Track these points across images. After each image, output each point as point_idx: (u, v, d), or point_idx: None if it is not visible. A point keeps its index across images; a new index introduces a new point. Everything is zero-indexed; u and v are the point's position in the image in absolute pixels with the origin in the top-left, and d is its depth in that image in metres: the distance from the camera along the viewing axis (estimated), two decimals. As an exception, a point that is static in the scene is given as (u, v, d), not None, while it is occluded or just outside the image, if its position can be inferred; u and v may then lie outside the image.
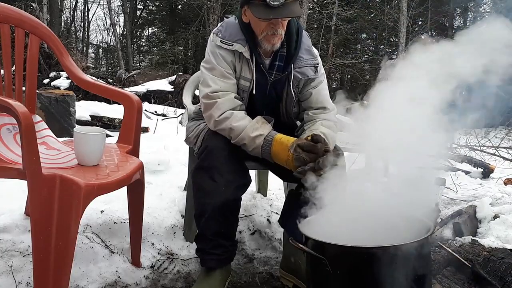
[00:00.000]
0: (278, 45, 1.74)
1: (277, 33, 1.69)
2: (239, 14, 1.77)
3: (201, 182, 1.67)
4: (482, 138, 5.26)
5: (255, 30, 1.73)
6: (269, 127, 1.69)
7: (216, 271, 1.69)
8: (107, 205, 2.15)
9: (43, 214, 1.34)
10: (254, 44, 1.74)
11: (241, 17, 1.75)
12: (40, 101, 4.21)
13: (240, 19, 1.76)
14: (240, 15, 1.76)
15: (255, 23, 1.71)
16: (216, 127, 1.71)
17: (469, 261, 1.89)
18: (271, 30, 1.69)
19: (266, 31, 1.69)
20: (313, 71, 1.83)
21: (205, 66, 1.78)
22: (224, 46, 1.73)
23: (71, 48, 13.05)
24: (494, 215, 2.47)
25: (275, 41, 1.71)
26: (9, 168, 1.49)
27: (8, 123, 1.76)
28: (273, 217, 2.38)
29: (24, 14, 1.94)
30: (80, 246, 1.79)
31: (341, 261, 1.30)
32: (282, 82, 1.81)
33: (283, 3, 1.61)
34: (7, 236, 1.82)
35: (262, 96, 1.80)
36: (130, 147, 1.86)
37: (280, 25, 1.69)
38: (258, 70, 1.76)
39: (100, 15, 28.68)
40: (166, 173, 2.84)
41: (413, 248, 1.29)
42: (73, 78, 2.03)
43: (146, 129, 5.27)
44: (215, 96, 1.70)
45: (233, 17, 1.83)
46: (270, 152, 1.65)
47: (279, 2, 1.60)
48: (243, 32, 1.74)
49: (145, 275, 1.83)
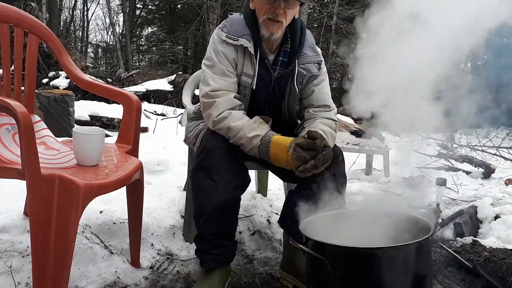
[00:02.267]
0: (277, 35, 1.75)
1: (277, 19, 1.70)
2: (247, 3, 1.79)
3: (200, 182, 1.67)
4: (483, 138, 5.26)
5: (258, 14, 1.74)
6: (267, 127, 1.69)
7: (216, 271, 1.68)
8: (106, 205, 2.15)
9: (42, 214, 1.34)
10: (259, 39, 1.75)
11: (248, 6, 1.78)
12: (39, 101, 4.21)
13: (247, 11, 1.78)
14: (247, 4, 1.79)
15: (259, 7, 1.73)
16: (215, 126, 1.70)
17: (470, 262, 1.88)
18: (272, 14, 1.70)
19: (267, 15, 1.70)
20: (317, 68, 1.84)
21: (206, 64, 1.78)
22: (229, 41, 1.74)
23: (70, 48, 13.06)
24: (495, 215, 2.47)
25: (274, 29, 1.72)
26: (8, 168, 1.49)
27: (7, 123, 1.75)
28: (273, 217, 2.37)
29: (23, 14, 1.93)
30: (79, 246, 1.79)
31: (341, 262, 1.30)
32: (286, 78, 1.81)
33: None
34: (6, 237, 1.81)
35: (265, 92, 1.80)
36: (129, 147, 1.86)
37: (281, 11, 1.70)
38: (262, 65, 1.77)
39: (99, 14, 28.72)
40: (165, 173, 2.83)
41: (414, 249, 1.29)
42: (72, 78, 2.02)
43: (146, 129, 5.27)
44: (215, 95, 1.70)
45: (237, 14, 1.84)
46: (268, 154, 1.65)
47: None
48: (248, 27, 1.75)
49: (145, 275, 1.82)
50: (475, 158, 4.43)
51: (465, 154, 4.67)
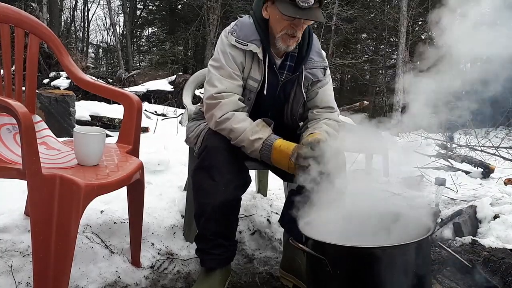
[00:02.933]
0: (292, 48, 1.75)
1: (296, 35, 1.70)
2: (259, 10, 1.76)
3: (201, 182, 1.67)
4: (482, 138, 5.27)
5: (274, 27, 1.73)
6: (269, 131, 1.69)
7: (216, 271, 1.69)
8: (107, 205, 2.15)
9: (43, 214, 1.34)
10: (268, 44, 1.75)
11: (261, 13, 1.75)
12: (40, 101, 4.21)
13: (257, 15, 1.76)
14: (259, 11, 1.76)
15: (276, 20, 1.71)
16: (217, 127, 1.71)
17: (469, 261, 1.89)
18: (291, 30, 1.69)
19: (285, 30, 1.70)
20: (322, 73, 1.85)
21: (213, 65, 1.77)
22: (238, 46, 1.73)
23: (71, 48, 13.06)
24: (494, 215, 2.47)
25: (291, 43, 1.72)
26: (9, 168, 1.49)
27: (8, 123, 1.76)
28: (273, 217, 2.38)
29: (24, 14, 1.93)
30: (80, 246, 1.79)
31: (341, 261, 1.30)
32: (292, 83, 1.82)
33: (310, 6, 1.62)
34: (7, 236, 1.82)
35: (271, 96, 1.81)
36: (130, 147, 1.86)
37: (301, 27, 1.70)
38: (270, 70, 1.77)
39: (100, 15, 28.68)
40: (166, 173, 2.84)
41: (413, 248, 1.29)
42: (73, 78, 2.03)
43: (146, 129, 5.27)
44: (220, 97, 1.70)
45: (246, 16, 1.83)
46: (269, 158, 1.66)
47: (308, 5, 1.61)
48: (258, 32, 1.74)
49: (145, 275, 1.83)
50: (474, 158, 4.43)
51: (464, 154, 4.68)
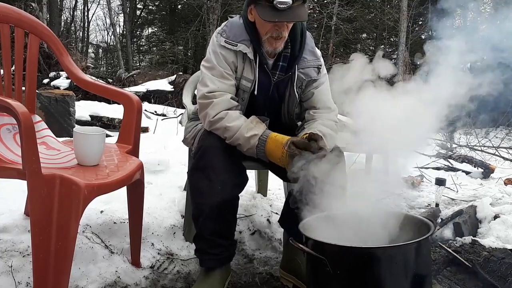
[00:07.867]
0: (280, 48, 1.74)
1: (281, 36, 1.69)
2: (245, 12, 1.75)
3: (197, 182, 1.67)
4: (483, 138, 5.27)
5: (260, 30, 1.72)
6: (264, 127, 1.68)
7: (216, 271, 1.68)
8: (107, 205, 2.15)
9: (42, 214, 1.34)
10: (258, 44, 1.74)
11: (247, 16, 1.74)
12: (39, 101, 4.22)
13: (245, 17, 1.76)
14: (245, 14, 1.75)
15: (261, 23, 1.70)
16: (211, 127, 1.70)
17: (470, 261, 1.89)
18: (276, 32, 1.68)
19: (270, 33, 1.69)
20: (316, 72, 1.83)
21: (205, 65, 1.77)
22: (228, 46, 1.72)
23: (71, 48, 13.07)
24: (494, 215, 2.47)
25: (278, 45, 1.71)
26: (9, 168, 1.49)
27: (7, 123, 1.76)
28: (273, 217, 2.38)
29: (24, 14, 1.94)
30: (79, 246, 1.79)
31: (341, 261, 1.30)
32: (285, 83, 1.81)
33: (289, 6, 1.60)
34: (7, 236, 1.82)
35: (264, 96, 1.80)
36: (130, 147, 1.86)
37: (285, 28, 1.69)
38: (261, 70, 1.76)
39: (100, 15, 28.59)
40: (166, 173, 2.84)
41: (413, 248, 1.29)
42: (72, 78, 2.03)
43: (146, 129, 5.27)
44: (212, 96, 1.69)
45: (237, 17, 1.82)
46: (264, 151, 1.64)
47: (286, 6, 1.59)
48: (247, 32, 1.73)
49: (145, 275, 1.82)
50: (475, 158, 4.43)
51: (465, 154, 4.67)
